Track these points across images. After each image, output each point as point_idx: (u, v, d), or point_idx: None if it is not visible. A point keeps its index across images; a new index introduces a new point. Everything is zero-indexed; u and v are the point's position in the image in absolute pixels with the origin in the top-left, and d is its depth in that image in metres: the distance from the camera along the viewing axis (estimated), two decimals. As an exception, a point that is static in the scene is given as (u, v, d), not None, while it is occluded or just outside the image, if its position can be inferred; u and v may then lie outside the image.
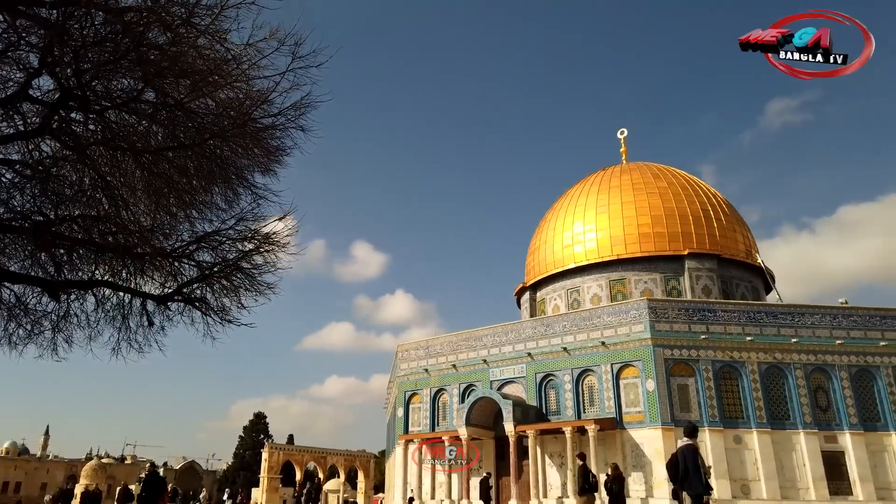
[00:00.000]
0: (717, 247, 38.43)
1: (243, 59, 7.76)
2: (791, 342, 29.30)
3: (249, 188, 9.12)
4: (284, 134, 8.75)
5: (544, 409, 31.46)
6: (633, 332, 29.41)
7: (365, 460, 67.35)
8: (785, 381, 28.93)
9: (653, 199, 39.54)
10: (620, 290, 38.29)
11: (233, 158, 8.77)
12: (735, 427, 27.96)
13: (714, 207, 40.05)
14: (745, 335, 29.24)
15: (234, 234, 9.40)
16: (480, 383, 33.65)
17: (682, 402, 28.21)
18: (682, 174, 42.88)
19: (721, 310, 30.06)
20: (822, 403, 28.90)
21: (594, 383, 30.30)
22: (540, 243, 43.78)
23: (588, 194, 42.01)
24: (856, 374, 29.32)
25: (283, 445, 64.48)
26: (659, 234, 38.40)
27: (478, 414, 31.68)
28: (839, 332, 29.83)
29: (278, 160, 9.07)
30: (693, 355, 28.81)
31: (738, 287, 38.97)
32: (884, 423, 28.68)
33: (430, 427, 35.29)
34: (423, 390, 36.47)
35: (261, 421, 77.99)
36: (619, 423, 28.73)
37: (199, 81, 7.54)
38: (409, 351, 37.96)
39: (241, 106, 8.18)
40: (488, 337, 34.51)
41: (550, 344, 31.94)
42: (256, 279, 9.64)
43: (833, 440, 28.20)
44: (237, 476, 72.69)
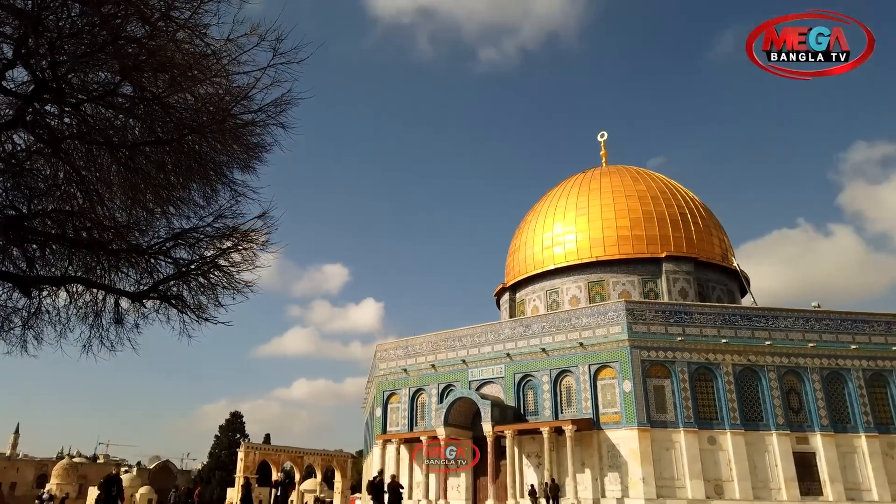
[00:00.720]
0: (693, 250, 38.91)
1: (223, 54, 7.68)
2: (765, 345, 29.77)
3: (228, 185, 9.01)
4: (265, 131, 8.66)
5: (522, 409, 31.59)
6: (611, 334, 29.66)
7: (342, 460, 67.03)
8: (758, 383, 29.38)
9: (631, 202, 39.92)
10: (599, 291, 38.59)
11: (212, 154, 8.66)
12: (710, 428, 28.33)
13: (691, 211, 40.55)
14: (720, 337, 29.64)
15: (212, 232, 9.28)
16: (459, 383, 33.68)
17: (658, 403, 28.51)
18: (661, 178, 43.35)
19: (697, 312, 30.43)
20: (795, 405, 29.40)
21: (572, 384, 30.49)
22: (520, 244, 43.96)
23: (568, 196, 42.28)
24: (827, 377, 29.87)
25: (260, 445, 63.92)
26: (637, 236, 38.77)
27: (456, 414, 31.70)
28: (812, 335, 30.38)
29: (258, 157, 8.98)
30: (669, 357, 29.13)
31: (714, 290, 39.50)
32: (854, 424, 29.26)
33: (409, 427, 35.24)
34: (402, 390, 36.40)
35: (237, 420, 77.15)
36: (595, 424, 28.95)
37: (177, 76, 7.44)
38: (389, 351, 37.86)
39: (221, 101, 8.08)
40: (468, 337, 34.55)
41: (529, 345, 32.07)
42: (234, 277, 9.53)
43: (805, 441, 28.71)
44: (212, 476, 71.83)
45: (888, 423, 29.53)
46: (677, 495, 27.02)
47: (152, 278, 9.48)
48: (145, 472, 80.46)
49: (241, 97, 8.12)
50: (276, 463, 60.38)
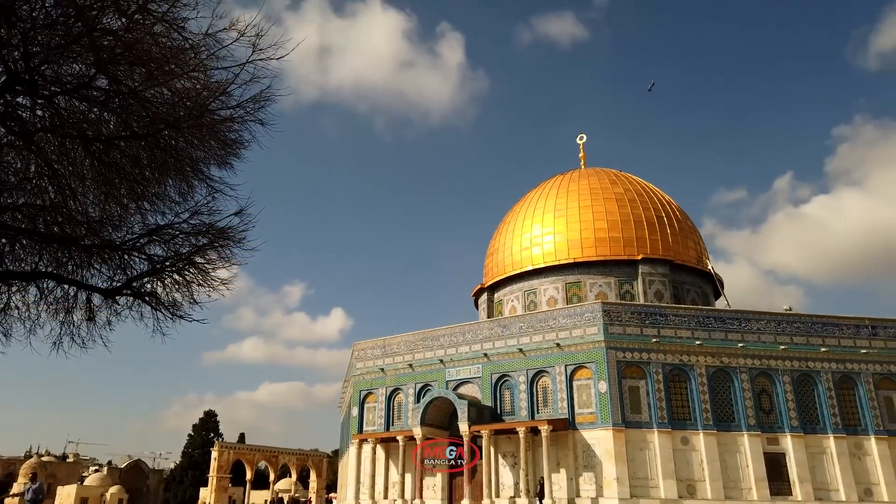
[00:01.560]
0: (669, 253, 39.39)
1: (202, 48, 7.59)
2: (738, 346, 30.25)
3: (205, 181, 8.91)
4: (243, 127, 8.59)
5: (499, 409, 31.70)
6: (588, 335, 29.90)
7: (318, 459, 66.67)
8: (731, 385, 29.83)
9: (609, 204, 40.29)
10: (576, 292, 38.88)
11: (188, 150, 8.56)
12: (683, 429, 28.70)
13: (668, 214, 41.05)
14: (694, 339, 30.04)
15: (187, 228, 9.18)
16: (436, 383, 33.69)
17: (632, 403, 28.81)
18: (639, 181, 43.82)
19: (672, 314, 30.81)
20: (766, 406, 29.92)
21: (548, 384, 30.67)
22: (499, 245, 44.11)
23: (547, 198, 42.53)
24: (798, 379, 30.45)
25: (234, 444, 63.34)
26: (614, 238, 39.15)
27: (433, 414, 31.70)
28: (783, 337, 30.94)
29: (236, 153, 8.89)
30: (644, 358, 29.45)
31: (689, 292, 40.03)
32: (822, 425, 29.86)
33: (385, 427, 35.15)
34: (379, 390, 36.30)
35: (211, 419, 76.18)
36: (571, 424, 29.15)
37: (154, 70, 7.34)
38: (366, 350, 37.72)
39: (199, 96, 7.99)
40: (445, 337, 34.57)
41: (507, 345, 32.20)
42: (210, 274, 9.43)
43: (775, 442, 29.23)
44: (185, 475, 70.92)
45: (856, 424, 30.19)
46: (651, 495, 27.33)
47: (126, 275, 9.35)
48: (116, 471, 79.14)
49: (219, 93, 8.04)
50: (251, 462, 59.87)
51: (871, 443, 29.73)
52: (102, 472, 73.73)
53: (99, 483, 66.90)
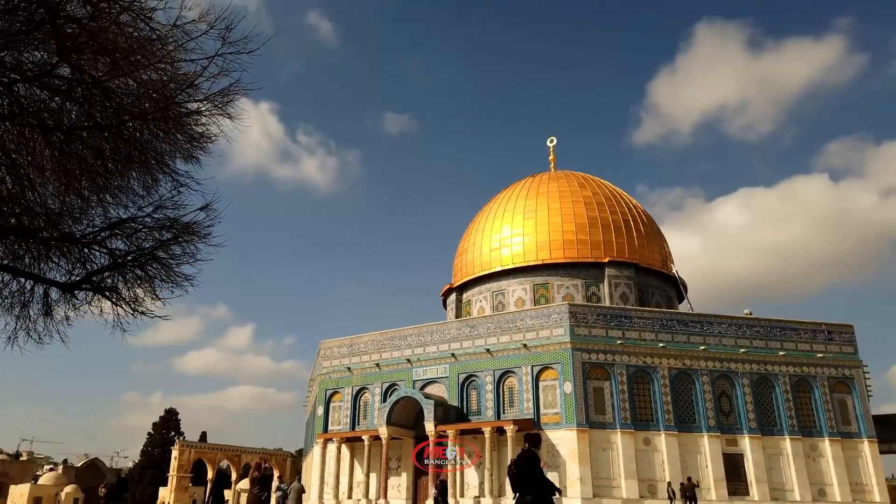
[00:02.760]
0: (635, 256, 40.02)
1: (169, 39, 7.45)
2: (699, 349, 30.89)
3: (170, 175, 8.74)
4: (210, 120, 8.45)
5: (465, 409, 31.80)
6: (554, 336, 30.19)
7: (281, 459, 65.99)
8: (692, 387, 30.45)
9: (578, 207, 40.75)
10: (544, 293, 39.22)
11: (153, 143, 8.38)
12: (646, 429, 29.20)
13: (634, 218, 41.70)
14: (657, 341, 30.58)
15: (151, 222, 8.99)
16: (403, 383, 33.65)
17: (597, 404, 29.18)
18: (607, 184, 44.42)
19: (637, 316, 31.31)
20: (725, 408, 30.61)
21: (515, 385, 30.88)
22: (468, 245, 44.24)
23: (517, 199, 42.81)
24: (756, 382, 31.22)
25: (195, 443, 62.32)
26: (582, 241, 39.61)
27: (399, 413, 31.65)
28: (743, 341, 31.69)
29: (202, 147, 8.74)
30: (609, 359, 29.86)
31: (654, 295, 40.72)
32: (779, 427, 30.69)
33: (351, 426, 34.97)
34: (345, 389, 36.10)
35: (172, 417, 74.78)
36: (536, 424, 29.40)
37: (119, 60, 7.17)
38: (332, 349, 37.47)
39: (165, 88, 7.84)
40: (413, 336, 34.54)
41: (474, 345, 32.32)
42: (173, 270, 9.26)
43: (734, 443, 29.93)
44: (144, 474, 69.48)
45: (811, 426, 31.10)
46: (613, 495, 27.74)
47: (85, 269, 9.12)
48: (72, 470, 77.14)
49: (187, 85, 7.90)
50: (213, 462, 58.97)
51: (825, 444, 30.66)
52: (57, 471, 71.81)
53: (54, 482, 65.11)
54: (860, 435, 31.29)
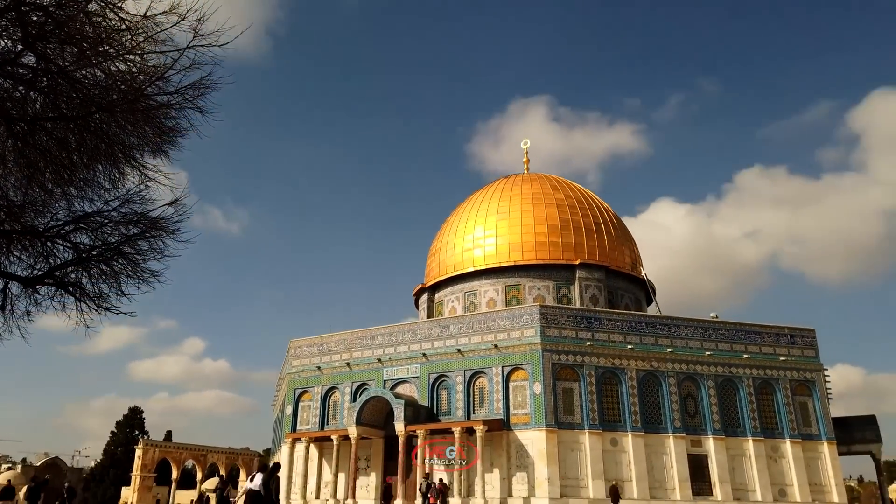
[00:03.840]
0: (606, 259, 40.46)
1: (139, 30, 7.30)
2: (667, 351, 31.36)
3: (138, 168, 8.57)
4: (181, 114, 8.30)
5: (435, 409, 31.78)
6: (525, 337, 30.36)
7: (248, 458, 65.17)
8: (659, 388, 30.90)
9: (550, 209, 41.05)
10: (515, 295, 39.41)
11: (121, 135, 8.21)
12: (613, 430, 29.53)
13: (605, 222, 42.17)
14: (626, 343, 30.95)
15: (117, 217, 8.81)
16: (373, 382, 33.49)
17: (566, 405, 29.42)
18: (579, 188, 44.85)
19: (606, 318, 31.67)
20: (691, 410, 31.13)
21: (485, 385, 30.97)
22: (441, 245, 44.24)
23: (490, 201, 42.96)
24: (721, 384, 31.81)
25: (160, 442, 61.18)
26: (554, 243, 39.91)
27: (369, 413, 31.50)
28: (709, 343, 32.26)
29: (172, 141, 8.59)
30: (578, 361, 30.14)
31: (623, 298, 41.21)
32: (743, 429, 31.30)
33: (320, 425, 34.70)
34: (315, 388, 35.79)
35: (136, 416, 73.26)
36: (506, 425, 29.52)
37: (87, 50, 7.01)
38: (303, 348, 37.13)
39: (134, 80, 7.68)
40: (384, 336, 34.41)
41: (445, 345, 32.32)
42: (140, 265, 9.08)
43: (698, 444, 30.45)
44: (106, 474, 67.96)
45: (773, 428, 31.79)
46: (580, 495, 27.99)
47: (48, 263, 8.90)
48: (31, 468, 75.04)
49: (157, 77, 7.75)
50: (178, 461, 57.96)
51: (786, 446, 31.37)
52: (16, 470, 69.78)
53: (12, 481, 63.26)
54: (820, 437, 32.09)
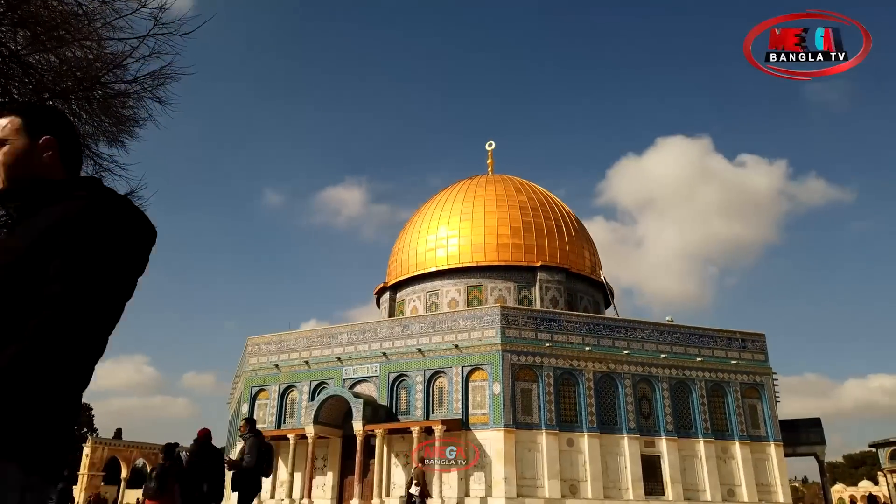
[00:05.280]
0: (566, 261, 40.97)
1: (96, 16, 7.09)
2: (623, 354, 31.93)
3: (92, 158, 8.33)
4: (139, 104, 8.10)
5: (394, 408, 31.69)
6: (486, 337, 30.52)
7: (202, 457, 63.77)
8: (615, 390, 31.44)
9: (513, 211, 41.37)
10: (477, 295, 39.59)
11: (75, 123, 7.96)
12: (570, 431, 29.92)
13: (566, 224, 42.72)
14: (584, 345, 31.40)
15: (69, 207, 8.51)
16: (332, 381, 33.21)
17: (524, 405, 29.69)
18: (541, 190, 45.32)
19: (565, 320, 32.08)
20: (645, 411, 31.77)
21: (445, 385, 31.03)
22: (404, 244, 44.14)
23: (454, 201, 43.05)
24: (675, 386, 32.56)
25: (109, 440, 59.52)
26: (516, 245, 40.24)
27: (327, 412, 31.23)
28: (664, 346, 32.98)
29: (129, 131, 8.37)
30: (537, 362, 30.45)
31: (582, 300, 41.81)
32: (694, 430, 32.09)
33: (277, 424, 34.23)
34: (272, 386, 35.30)
35: (85, 413, 71.16)
36: (465, 425, 29.63)
37: (41, 34, 6.78)
38: (260, 345, 36.59)
39: (90, 67, 7.46)
40: (344, 335, 34.16)
41: (406, 345, 32.26)
42: (93, 259, 8.79)
43: (652, 445, 31.10)
44: (52, 473, 65.67)
45: (724, 429, 32.67)
46: (536, 494, 28.28)
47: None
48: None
49: (114, 65, 7.54)
50: (128, 459, 56.48)
51: (735, 447, 32.28)
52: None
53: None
54: (768, 438, 33.12)
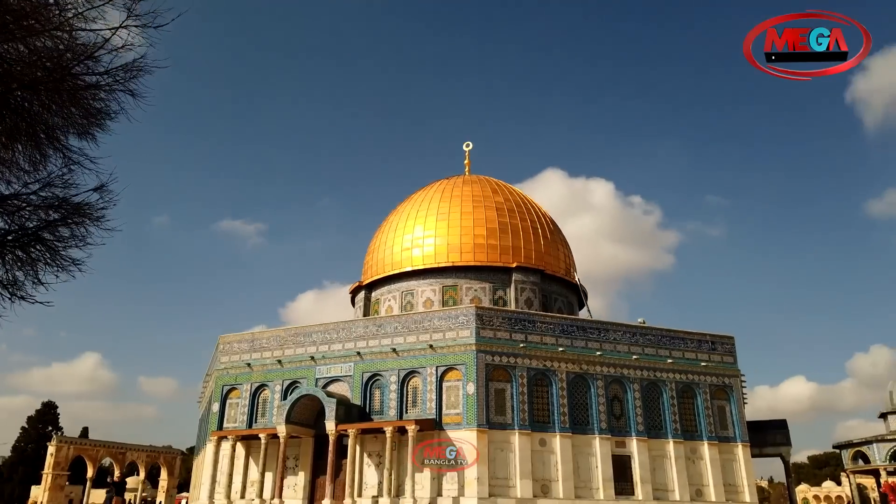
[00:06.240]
0: (541, 262, 41.25)
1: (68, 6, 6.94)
2: (596, 355, 32.23)
3: (61, 151, 8.14)
4: (111, 96, 7.94)
5: (368, 408, 31.57)
6: (460, 337, 30.57)
7: (170, 457, 62.97)
8: (588, 390, 31.72)
9: (490, 212, 41.52)
10: (452, 295, 39.64)
11: (44, 115, 7.78)
12: (543, 431, 30.12)
13: (542, 226, 43.01)
14: (557, 346, 31.63)
15: (37, 201, 8.34)
16: (305, 380, 32.97)
17: (497, 405, 29.80)
18: (518, 191, 45.57)
19: (539, 321, 32.28)
20: (617, 412, 32.11)
21: (419, 385, 30.99)
22: (380, 244, 44.01)
23: (431, 201, 43.05)
24: (646, 387, 32.96)
25: (75, 439, 58.30)
26: (492, 245, 40.40)
27: (300, 411, 30.99)
28: (636, 348, 33.38)
29: (100, 124, 8.20)
30: (511, 362, 30.59)
31: (556, 301, 42.12)
32: (664, 431, 32.53)
33: (248, 424, 33.87)
34: (244, 385, 34.90)
35: (50, 412, 69.55)
36: (438, 425, 29.63)
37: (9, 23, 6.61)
38: (232, 344, 36.17)
39: (61, 58, 7.30)
40: (318, 334, 33.93)
41: (380, 344, 32.16)
42: (60, 253, 8.62)
43: (622, 445, 31.44)
44: (14, 472, 64.16)
45: (693, 430, 33.17)
46: (509, 494, 28.40)
47: (-43, 247, 8.33)
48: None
49: (86, 56, 7.38)
50: (94, 459, 55.36)
51: (704, 448, 32.79)
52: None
53: None
54: (735, 439, 33.71)
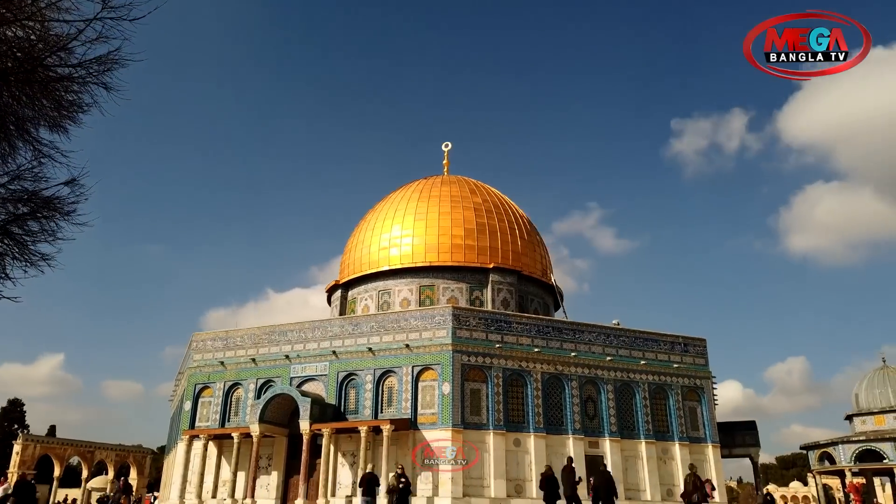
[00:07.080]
0: (518, 263, 41.45)
1: (41, -5, 6.80)
2: (570, 356, 32.48)
3: (31, 143, 7.98)
4: (83, 89, 7.79)
5: (343, 407, 31.42)
6: (437, 337, 30.58)
7: (140, 456, 62.06)
8: (562, 391, 31.96)
9: (468, 212, 41.60)
10: (429, 295, 39.64)
11: (14, 106, 7.61)
12: (518, 431, 30.26)
13: (520, 227, 43.21)
14: (533, 346, 31.81)
15: (5, 194, 8.16)
16: (280, 379, 32.70)
17: (473, 405, 29.87)
18: (496, 192, 45.72)
19: (516, 321, 32.43)
20: (591, 412, 32.40)
21: (394, 384, 30.93)
22: (357, 242, 43.84)
23: (409, 200, 43.00)
24: (619, 388, 33.31)
25: (41, 437, 57.15)
26: (469, 246, 40.48)
27: (274, 410, 30.73)
28: (610, 349, 33.71)
29: (72, 117, 8.05)
30: (487, 362, 30.69)
31: (533, 302, 42.35)
32: (637, 431, 32.90)
33: (221, 423, 33.50)
34: (217, 384, 34.51)
35: (16, 409, 68.03)
36: (413, 424, 29.60)
37: (-22, 11, 6.45)
38: (206, 342, 35.73)
39: (32, 49, 7.15)
40: (293, 332, 33.68)
41: (357, 343, 32.03)
42: (29, 247, 8.45)
43: (596, 445, 31.73)
44: (-22, 472, 62.51)
45: (665, 431, 33.60)
46: (483, 494, 28.48)
47: (-79, 240, 8.12)
48: None
49: (58, 48, 7.24)
50: (61, 458, 54.34)
51: (675, 448, 33.24)
52: None
53: None
54: (706, 440, 34.22)
